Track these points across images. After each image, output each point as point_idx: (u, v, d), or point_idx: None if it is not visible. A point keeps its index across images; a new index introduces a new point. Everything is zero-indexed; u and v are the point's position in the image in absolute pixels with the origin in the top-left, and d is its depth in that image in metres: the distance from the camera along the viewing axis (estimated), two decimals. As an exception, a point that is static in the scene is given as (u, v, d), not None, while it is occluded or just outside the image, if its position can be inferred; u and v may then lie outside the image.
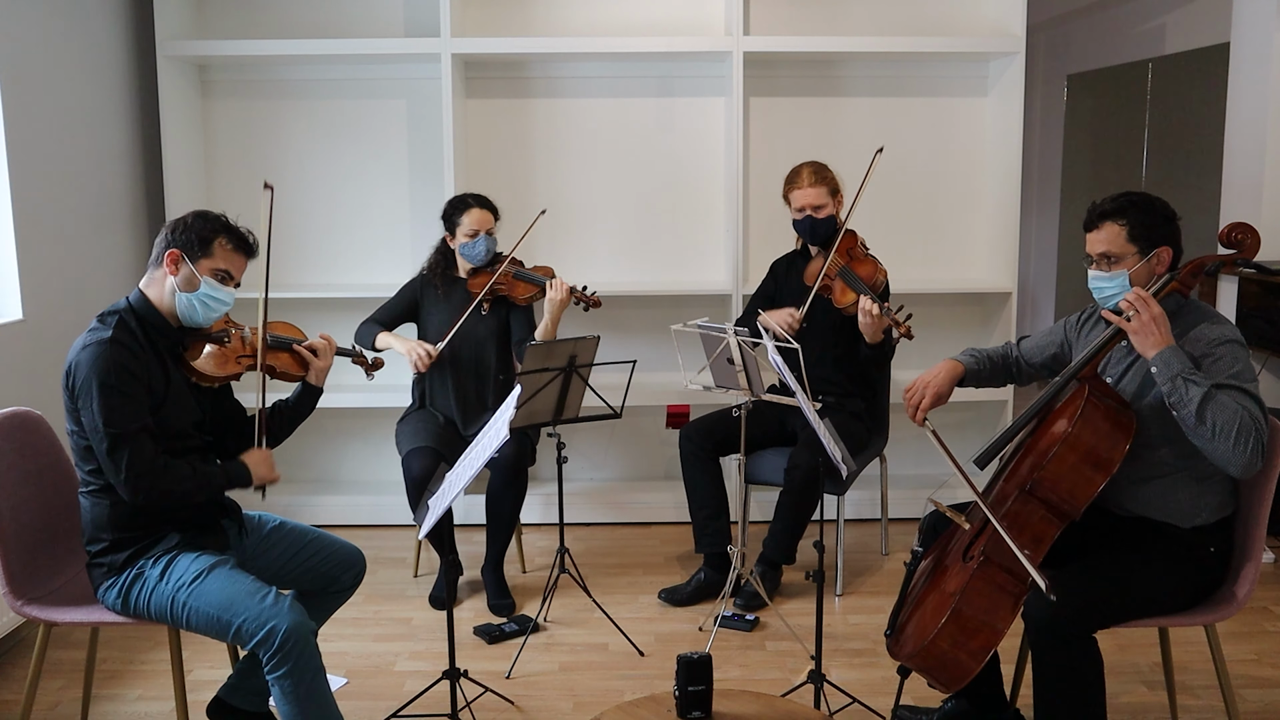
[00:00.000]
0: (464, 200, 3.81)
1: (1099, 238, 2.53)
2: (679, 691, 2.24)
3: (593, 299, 3.75)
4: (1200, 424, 2.31)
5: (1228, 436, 2.30)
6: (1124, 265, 2.51)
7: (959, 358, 2.84)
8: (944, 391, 2.74)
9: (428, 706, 2.95)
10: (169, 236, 2.53)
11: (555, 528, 3.75)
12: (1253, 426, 2.31)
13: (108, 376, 2.38)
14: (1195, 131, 5.40)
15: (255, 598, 2.39)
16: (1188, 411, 2.32)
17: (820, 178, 3.73)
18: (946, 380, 2.76)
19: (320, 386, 2.85)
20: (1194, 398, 2.31)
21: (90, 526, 2.50)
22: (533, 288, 3.79)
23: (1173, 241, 2.52)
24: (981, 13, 4.58)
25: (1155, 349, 2.37)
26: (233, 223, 2.61)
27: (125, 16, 4.28)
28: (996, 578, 2.41)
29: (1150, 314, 2.38)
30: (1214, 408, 2.30)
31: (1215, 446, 2.32)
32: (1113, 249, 2.51)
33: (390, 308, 3.87)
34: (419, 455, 3.54)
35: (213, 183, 4.60)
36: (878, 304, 3.42)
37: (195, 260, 2.52)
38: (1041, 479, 2.42)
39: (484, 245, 3.76)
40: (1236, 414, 2.30)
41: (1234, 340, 2.43)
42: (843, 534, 3.81)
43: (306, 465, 4.76)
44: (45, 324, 3.64)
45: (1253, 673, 3.23)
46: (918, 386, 2.75)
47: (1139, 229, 2.49)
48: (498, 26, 4.53)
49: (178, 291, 2.52)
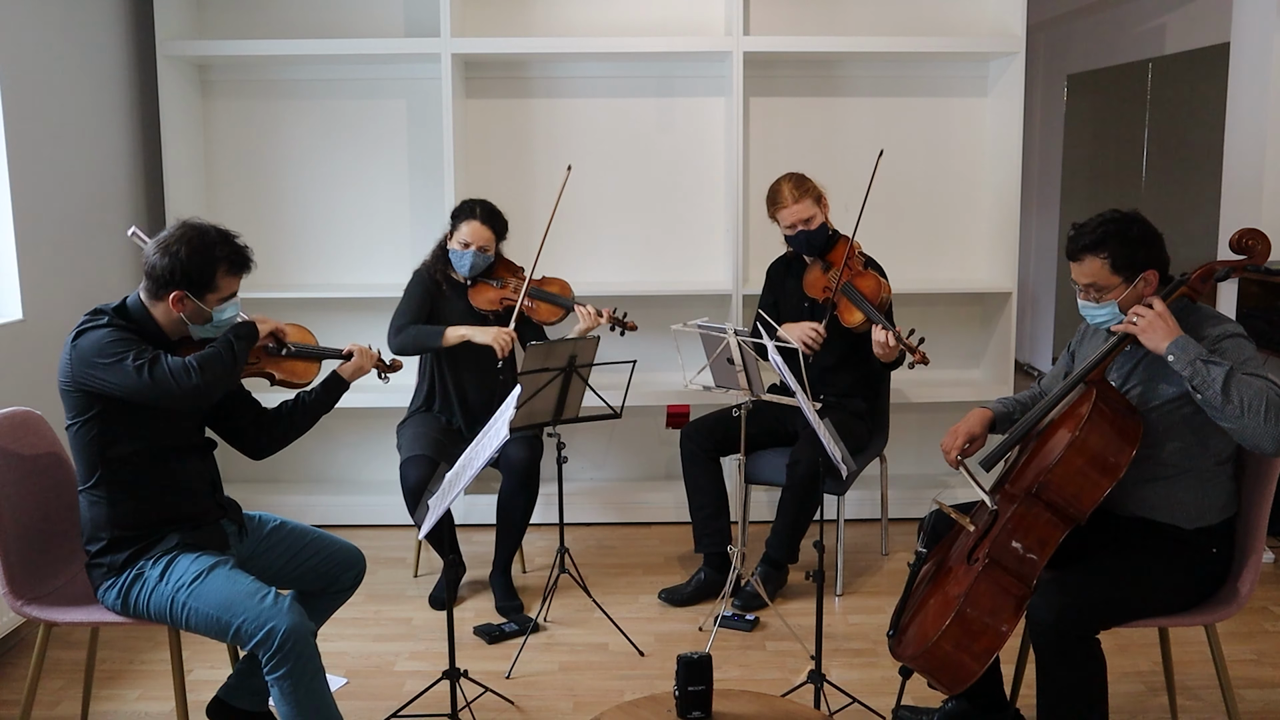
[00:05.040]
0: (471, 208, 3.71)
1: (1082, 270, 2.52)
2: (679, 691, 2.24)
3: (628, 323, 3.65)
4: (1227, 401, 2.28)
5: (1257, 412, 2.27)
6: (1112, 295, 2.50)
7: (987, 403, 2.84)
8: (976, 432, 2.73)
9: (428, 706, 2.95)
10: (166, 275, 2.44)
11: (555, 528, 3.75)
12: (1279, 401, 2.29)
13: (113, 333, 2.39)
14: (1195, 131, 5.40)
15: (255, 598, 2.38)
16: (1212, 392, 2.29)
17: (802, 190, 3.69)
18: (978, 423, 2.75)
19: (349, 382, 2.82)
20: (1216, 377, 2.29)
21: (89, 526, 2.50)
22: (558, 310, 3.71)
23: (1157, 261, 2.50)
24: (981, 13, 4.58)
25: (1166, 340, 2.36)
26: (229, 238, 2.52)
27: (125, 17, 4.28)
28: (1001, 580, 2.41)
29: (1156, 311, 2.38)
30: (1238, 384, 2.28)
31: (1245, 424, 2.28)
32: (1098, 281, 2.50)
33: (413, 305, 3.72)
34: (416, 464, 3.52)
35: (213, 183, 4.60)
36: (891, 333, 3.41)
37: (201, 297, 2.49)
38: (1048, 482, 2.42)
39: (470, 260, 3.67)
40: (1263, 390, 2.28)
41: (1237, 334, 2.43)
42: (843, 534, 3.81)
43: (306, 465, 4.76)
44: (45, 324, 3.64)
45: (1253, 673, 3.23)
46: (951, 433, 2.75)
47: (1120, 260, 2.47)
48: (498, 26, 4.53)
49: (191, 324, 2.52)
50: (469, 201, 3.76)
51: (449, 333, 3.64)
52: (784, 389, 3.59)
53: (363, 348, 2.86)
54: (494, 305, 3.73)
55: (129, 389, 2.38)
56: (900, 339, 3.39)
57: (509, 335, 3.61)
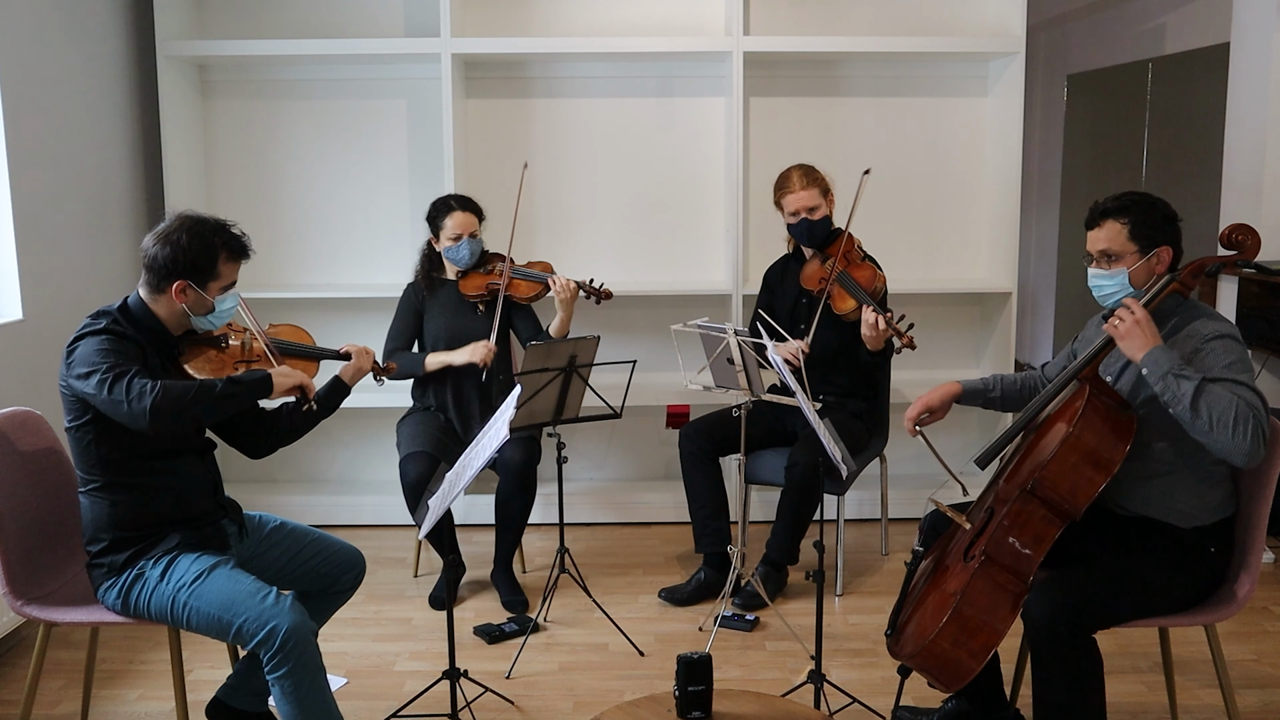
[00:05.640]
0: (446, 203, 3.78)
1: (1100, 235, 2.54)
2: (679, 691, 2.24)
3: (602, 291, 3.75)
4: (1196, 416, 2.31)
5: (1226, 426, 2.29)
6: (1124, 263, 2.51)
7: (962, 379, 2.85)
8: (934, 404, 2.75)
9: (428, 706, 2.95)
10: (168, 264, 2.45)
11: (555, 528, 3.75)
12: (1249, 413, 2.30)
13: (104, 342, 2.39)
14: (1195, 131, 5.40)
15: (256, 598, 2.38)
16: (1182, 407, 2.32)
17: (811, 179, 3.71)
18: (941, 396, 2.77)
19: (350, 385, 2.81)
20: (1186, 393, 2.31)
21: (90, 526, 2.50)
22: (536, 285, 3.79)
23: (1173, 242, 2.53)
24: (981, 13, 4.58)
25: (1142, 350, 2.38)
26: (226, 226, 2.55)
27: (125, 16, 4.28)
28: (998, 577, 2.41)
29: (1135, 318, 2.39)
30: (1207, 399, 2.30)
31: (1215, 439, 2.32)
32: (1113, 246, 2.52)
33: (400, 328, 3.83)
34: (415, 460, 3.54)
35: (213, 183, 4.60)
36: (881, 316, 3.42)
37: (204, 286, 2.50)
38: (1043, 479, 2.42)
39: (468, 249, 3.75)
40: (1232, 403, 2.30)
41: (1227, 335, 2.43)
42: (843, 534, 3.81)
43: (306, 465, 4.76)
44: (45, 324, 3.64)
45: (1253, 673, 3.23)
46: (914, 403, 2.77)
47: (1140, 227, 2.50)
48: (498, 26, 4.53)
49: (192, 315, 2.52)
50: (440, 199, 3.83)
51: (429, 360, 3.75)
52: (784, 389, 3.59)
53: (360, 348, 2.86)
54: (480, 290, 3.78)
55: (95, 402, 2.38)
56: (890, 323, 3.40)
57: (487, 347, 3.68)
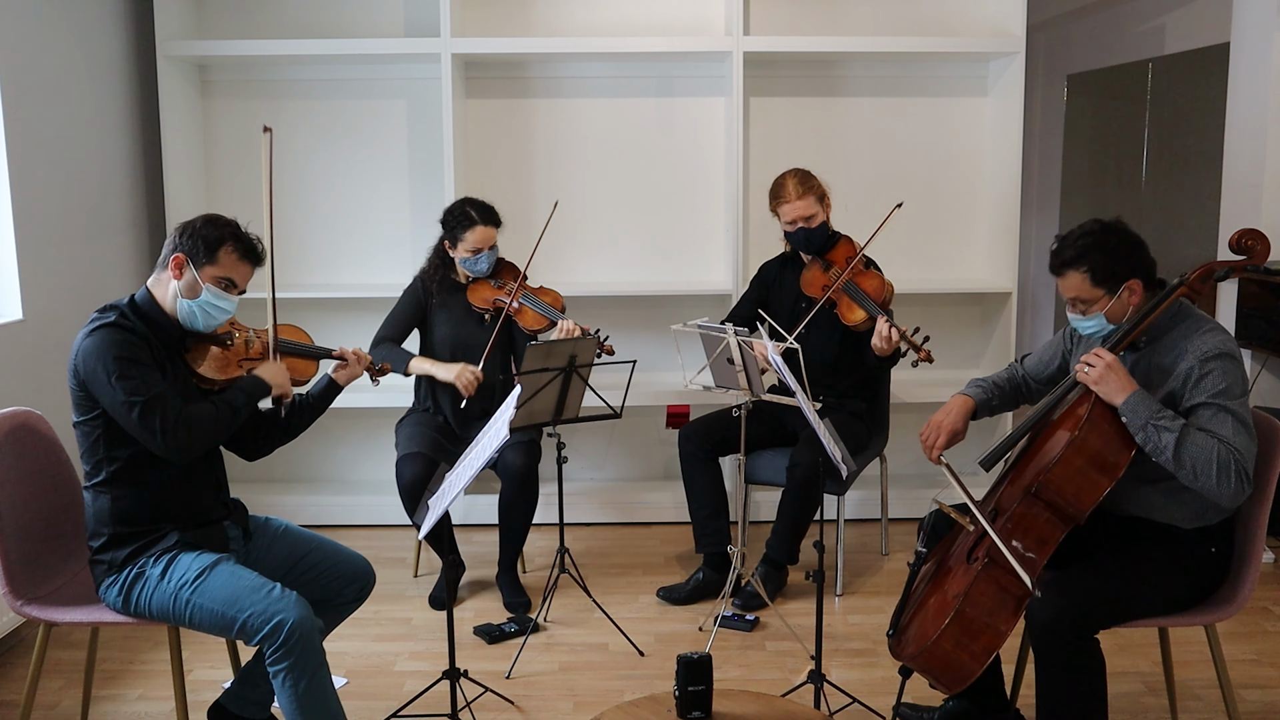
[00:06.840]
0: (468, 215, 3.67)
1: (1066, 285, 2.53)
2: (679, 691, 2.24)
3: (607, 347, 3.62)
4: (1179, 466, 2.34)
5: (1208, 474, 2.32)
6: (1097, 308, 2.51)
7: (967, 391, 2.83)
8: (959, 428, 2.74)
9: (428, 706, 2.95)
10: (177, 240, 2.53)
11: (555, 528, 3.75)
12: (1230, 458, 2.32)
13: (119, 350, 2.40)
14: (1195, 131, 5.40)
15: (260, 591, 2.38)
16: (1165, 458, 2.34)
17: (806, 187, 3.69)
18: (959, 417, 2.75)
19: (342, 386, 2.83)
20: (1168, 444, 2.33)
21: (93, 521, 2.51)
22: (543, 320, 3.70)
23: (1140, 270, 2.50)
24: (981, 13, 4.58)
25: (1120, 395, 2.39)
26: (243, 230, 2.60)
27: (125, 16, 4.28)
28: (1000, 579, 2.41)
29: (1105, 362, 2.40)
30: (1189, 449, 2.32)
31: (1199, 485, 2.35)
32: (1081, 295, 2.51)
33: (398, 319, 3.79)
34: (410, 462, 3.53)
35: (213, 183, 4.60)
36: (895, 328, 3.41)
37: (199, 266, 2.51)
38: (1047, 482, 2.42)
39: (486, 261, 3.71)
40: (1213, 450, 2.32)
41: (1225, 354, 2.41)
42: (843, 534, 3.81)
43: (307, 465, 4.76)
44: (45, 324, 3.64)
45: (1253, 673, 3.23)
46: (932, 426, 2.74)
47: (1100, 271, 2.47)
48: (498, 26, 4.53)
49: (179, 297, 2.52)
50: (461, 209, 3.71)
51: (413, 364, 3.72)
52: (784, 389, 3.59)
53: (356, 354, 2.84)
54: (487, 304, 3.75)
55: (116, 415, 2.42)
56: (905, 336, 3.39)
57: (473, 375, 3.63)
